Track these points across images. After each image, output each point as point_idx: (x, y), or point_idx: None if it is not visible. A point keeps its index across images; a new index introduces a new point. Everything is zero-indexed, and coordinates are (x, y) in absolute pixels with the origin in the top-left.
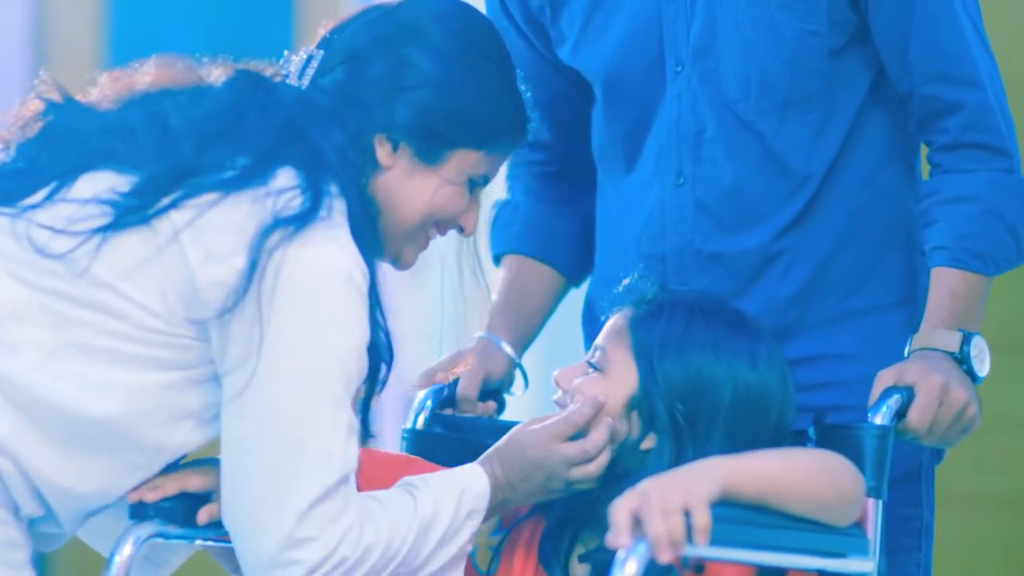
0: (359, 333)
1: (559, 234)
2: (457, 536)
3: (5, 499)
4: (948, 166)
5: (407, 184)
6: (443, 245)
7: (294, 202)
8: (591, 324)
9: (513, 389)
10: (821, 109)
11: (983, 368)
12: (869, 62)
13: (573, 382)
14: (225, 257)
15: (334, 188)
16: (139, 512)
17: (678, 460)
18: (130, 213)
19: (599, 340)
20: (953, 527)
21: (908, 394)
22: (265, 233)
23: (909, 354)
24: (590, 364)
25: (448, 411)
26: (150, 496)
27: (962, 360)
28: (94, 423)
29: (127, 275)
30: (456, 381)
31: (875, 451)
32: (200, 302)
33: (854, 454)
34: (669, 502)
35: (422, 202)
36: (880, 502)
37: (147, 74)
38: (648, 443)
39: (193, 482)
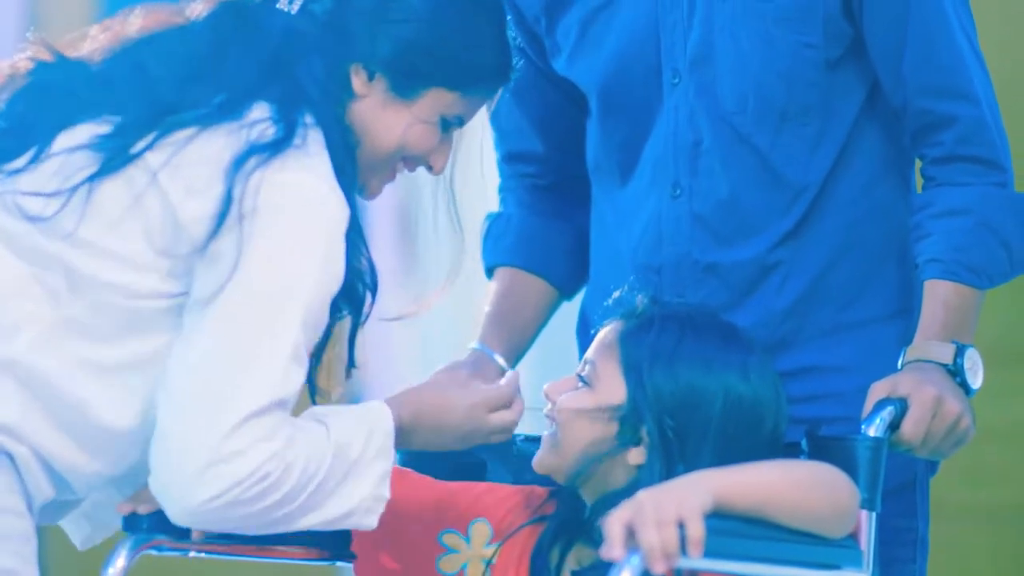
0: (330, 263)
1: (552, 247)
2: (368, 471)
3: (21, 490)
4: (942, 179)
5: (379, 115)
6: (419, 183)
7: (267, 132)
8: (585, 336)
9: None
10: (817, 121)
11: (976, 380)
12: (865, 75)
13: (560, 396)
14: (203, 190)
15: (309, 119)
16: (132, 523)
17: (668, 474)
18: (114, 155)
19: (589, 354)
20: (948, 539)
21: (901, 406)
22: (240, 160)
23: (903, 366)
24: (580, 378)
25: None
26: (143, 508)
27: (955, 372)
28: (106, 430)
29: (112, 227)
30: None
31: (869, 463)
32: (185, 238)
33: (848, 466)
34: (663, 513)
35: (393, 136)
36: (874, 514)
37: (135, 22)
38: (638, 458)
39: None
